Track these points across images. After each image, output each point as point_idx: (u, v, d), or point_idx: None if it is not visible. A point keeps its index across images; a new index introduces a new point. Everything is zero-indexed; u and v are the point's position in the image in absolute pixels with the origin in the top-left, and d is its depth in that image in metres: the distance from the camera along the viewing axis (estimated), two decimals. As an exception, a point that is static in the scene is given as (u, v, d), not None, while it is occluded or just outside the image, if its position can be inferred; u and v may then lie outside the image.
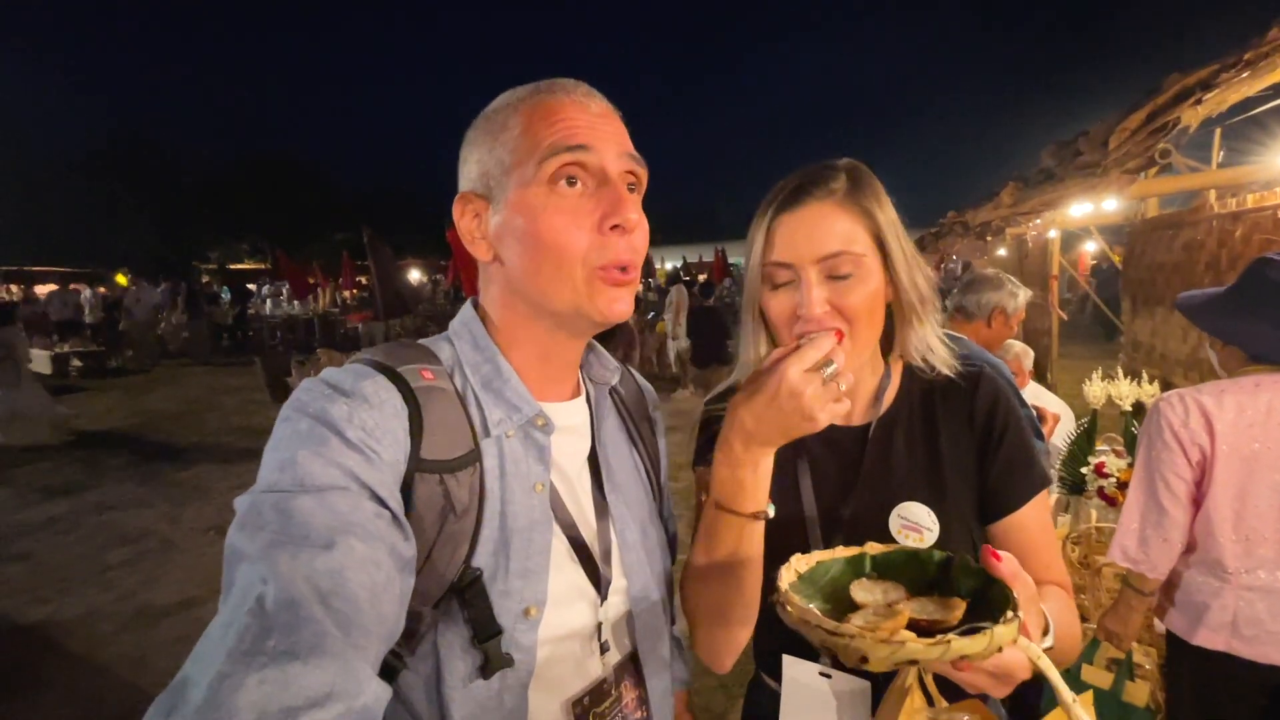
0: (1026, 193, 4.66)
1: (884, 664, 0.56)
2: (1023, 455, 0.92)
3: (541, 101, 0.73)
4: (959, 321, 2.62)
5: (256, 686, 0.45)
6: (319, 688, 0.47)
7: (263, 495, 0.58)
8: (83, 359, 13.21)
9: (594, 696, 0.78)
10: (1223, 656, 1.57)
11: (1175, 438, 1.61)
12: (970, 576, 0.66)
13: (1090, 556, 2.46)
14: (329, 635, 0.50)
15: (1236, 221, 5.08)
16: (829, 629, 0.58)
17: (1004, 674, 0.62)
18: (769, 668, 0.98)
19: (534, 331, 0.78)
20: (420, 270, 26.67)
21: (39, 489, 6.11)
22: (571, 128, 0.71)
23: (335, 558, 0.54)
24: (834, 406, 0.74)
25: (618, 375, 0.90)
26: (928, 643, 0.55)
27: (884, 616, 0.62)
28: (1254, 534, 1.55)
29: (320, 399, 0.65)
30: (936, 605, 0.63)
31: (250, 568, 0.53)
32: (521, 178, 0.71)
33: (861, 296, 0.85)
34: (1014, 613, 0.57)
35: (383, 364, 0.70)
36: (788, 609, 0.62)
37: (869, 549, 0.73)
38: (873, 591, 0.67)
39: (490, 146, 0.74)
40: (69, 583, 4.23)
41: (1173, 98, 2.68)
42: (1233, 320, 1.65)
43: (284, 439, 0.63)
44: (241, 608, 0.50)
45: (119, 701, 3.04)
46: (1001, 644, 0.56)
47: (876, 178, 0.91)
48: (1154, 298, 6.59)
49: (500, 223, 0.74)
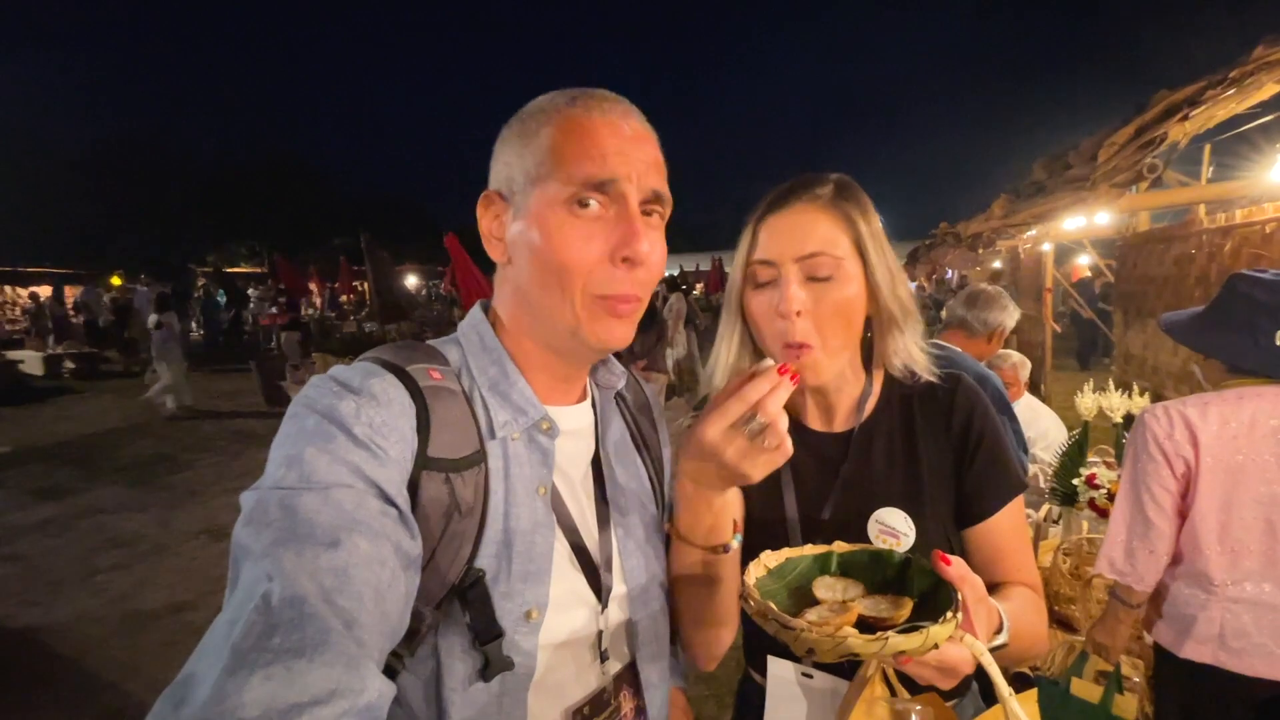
0: (1017, 205, 4.72)
1: (829, 656, 0.61)
2: (998, 461, 0.95)
3: (575, 119, 0.72)
4: (960, 336, 2.66)
5: (262, 683, 0.45)
6: (323, 685, 0.47)
7: (269, 491, 0.58)
8: (75, 361, 13.16)
9: (594, 706, 0.78)
10: (1210, 669, 1.58)
11: (1160, 450, 1.63)
12: (924, 577, 0.71)
13: (1081, 568, 2.47)
14: (334, 633, 0.50)
15: (1226, 236, 5.15)
16: (782, 622, 0.63)
17: (947, 668, 0.66)
18: (758, 666, 1.01)
19: (540, 338, 0.78)
20: (417, 276, 26.70)
21: (31, 491, 6.08)
22: (600, 156, 0.70)
23: (340, 555, 0.54)
24: (767, 458, 0.69)
25: (624, 380, 0.90)
26: (867, 639, 0.60)
27: (837, 613, 0.67)
28: (1239, 546, 1.57)
29: (328, 395, 0.65)
30: (888, 604, 0.68)
31: (255, 564, 0.53)
32: (543, 193, 0.71)
33: (839, 300, 0.88)
34: (954, 613, 0.62)
35: (391, 362, 0.71)
36: (750, 602, 0.67)
37: (836, 548, 0.78)
38: (834, 589, 0.72)
39: (519, 152, 0.74)
40: (59, 585, 4.21)
41: (1160, 114, 2.73)
42: (1211, 333, 1.68)
43: (291, 435, 0.63)
44: (247, 604, 0.50)
45: (108, 705, 3.03)
46: (937, 641, 0.60)
47: (864, 192, 0.95)
48: (1145, 310, 6.65)
49: (517, 231, 0.74)
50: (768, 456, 0.68)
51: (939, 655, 0.64)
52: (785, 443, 0.68)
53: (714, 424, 0.68)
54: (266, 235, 33.08)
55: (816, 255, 0.87)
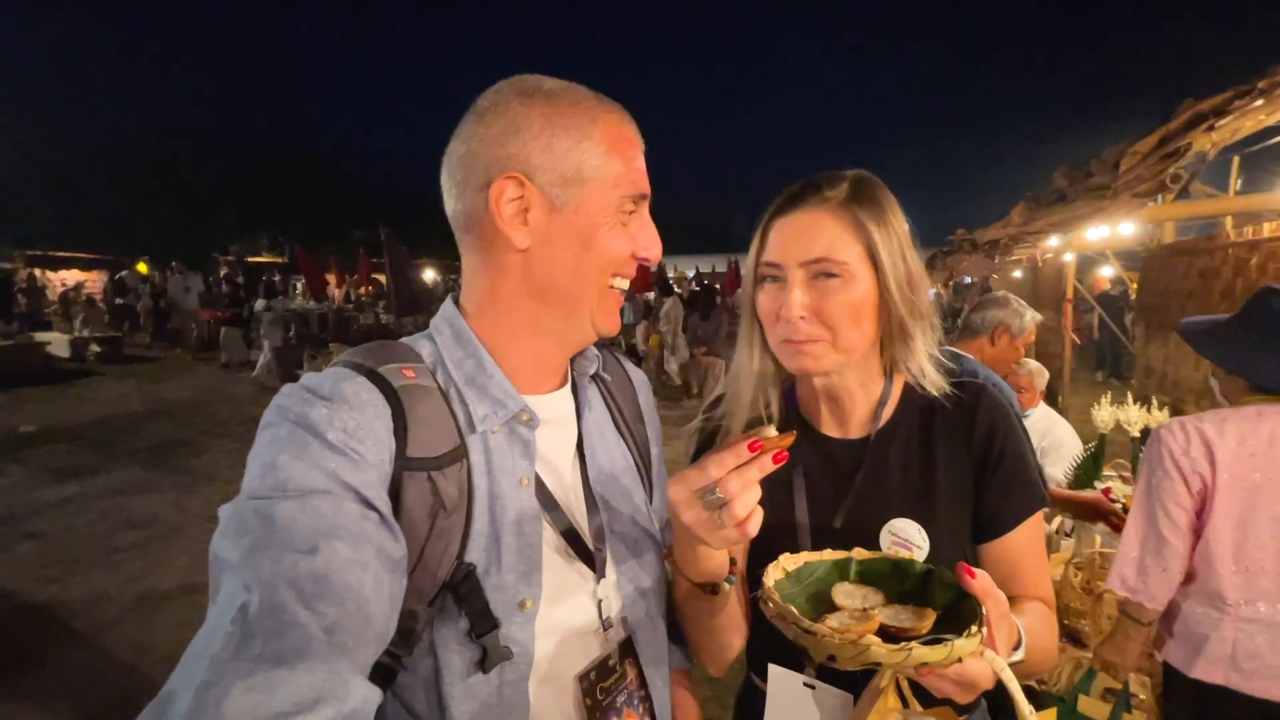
0: (1037, 212, 4.64)
1: (850, 663, 0.60)
2: (1020, 476, 0.92)
3: (619, 128, 0.76)
4: (964, 339, 2.62)
5: (243, 694, 0.45)
6: (306, 692, 0.47)
7: (245, 502, 0.58)
8: (100, 344, 13.42)
9: (600, 672, 0.79)
10: (1221, 690, 1.55)
11: (1176, 466, 1.60)
12: (946, 590, 0.69)
13: (1093, 582, 2.44)
14: (314, 639, 0.50)
15: (1253, 250, 5.03)
16: (803, 626, 0.62)
17: (967, 683, 0.65)
18: (760, 671, 1.00)
19: (536, 327, 0.79)
20: (435, 270, 26.90)
21: (52, 470, 6.21)
22: (641, 171, 0.78)
23: (319, 561, 0.54)
24: (724, 534, 0.65)
25: (597, 363, 0.91)
26: (891, 648, 0.58)
27: (858, 620, 0.65)
28: (1254, 565, 1.54)
29: (300, 403, 0.65)
30: (910, 614, 0.67)
31: (234, 575, 0.53)
32: (601, 196, 0.74)
33: (844, 302, 0.86)
34: (978, 628, 0.61)
35: (362, 365, 0.71)
36: (769, 604, 0.66)
37: (855, 554, 0.76)
38: (853, 596, 0.71)
39: (569, 146, 0.73)
40: (77, 563, 4.30)
41: (1185, 123, 2.67)
42: (1237, 350, 1.64)
43: (265, 445, 0.63)
44: (225, 615, 0.50)
45: (120, 682, 3.09)
46: (961, 655, 0.59)
47: (885, 191, 0.91)
48: (1168, 324, 6.51)
49: (562, 223, 0.74)
50: (724, 533, 0.64)
51: (960, 669, 0.63)
52: (746, 525, 0.63)
53: (677, 485, 0.66)
54: (288, 227, 33.53)
55: (821, 260, 0.86)
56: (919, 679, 0.66)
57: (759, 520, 0.65)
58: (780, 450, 0.64)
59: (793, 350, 0.89)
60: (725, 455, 0.64)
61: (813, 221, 0.88)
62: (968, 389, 0.95)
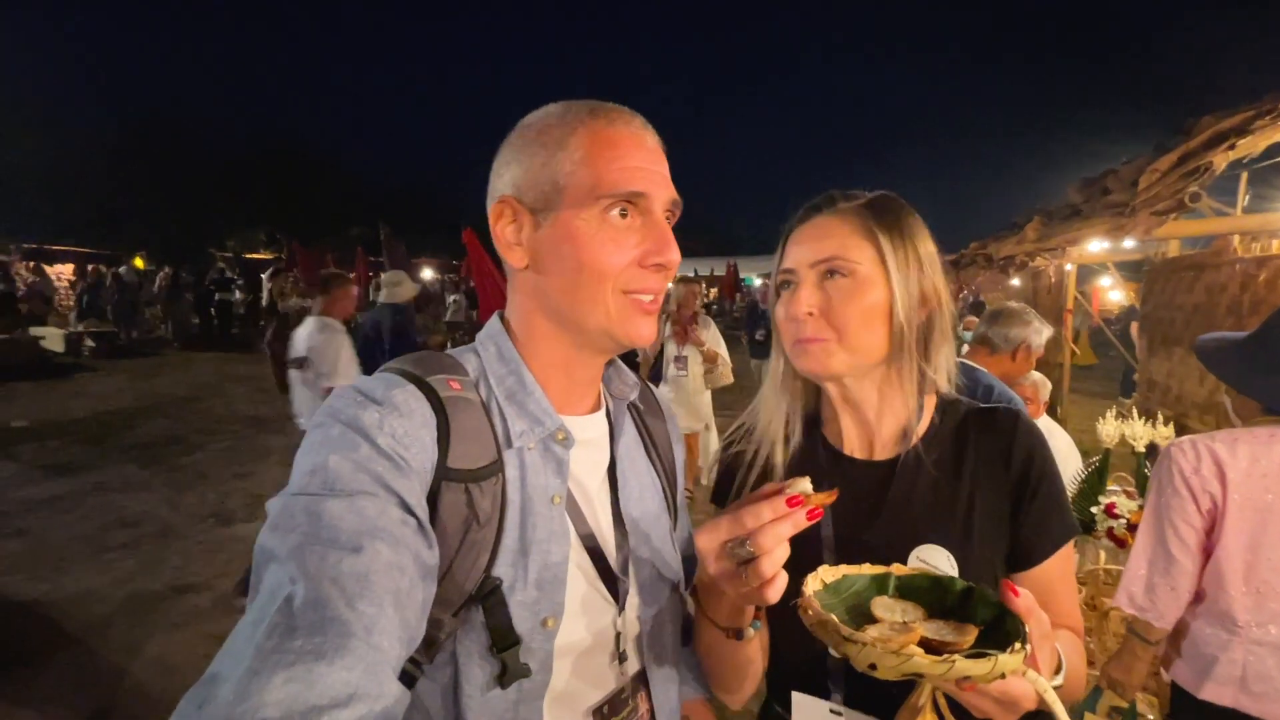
0: (1051, 227, 4.62)
1: (891, 673, 0.58)
2: (1057, 505, 0.90)
3: (603, 131, 0.74)
4: (983, 354, 2.61)
5: (283, 685, 0.46)
6: (343, 688, 0.48)
7: (294, 498, 0.59)
8: (96, 339, 13.36)
9: (612, 706, 0.79)
10: (1230, 712, 1.53)
11: (1186, 485, 1.58)
12: (988, 607, 0.68)
13: (1097, 598, 2.42)
14: (354, 637, 0.51)
15: (1261, 266, 5.02)
16: (845, 634, 0.60)
17: (1009, 702, 0.63)
18: (782, 700, 0.97)
19: (558, 345, 0.79)
20: (433, 269, 26.92)
21: (43, 466, 6.16)
22: (632, 171, 0.73)
23: (362, 561, 0.55)
24: (748, 592, 0.64)
25: (636, 391, 0.91)
26: (934, 659, 0.58)
27: (899, 632, 0.64)
28: (1265, 587, 1.52)
29: (352, 406, 0.67)
30: (951, 629, 0.66)
31: (279, 568, 0.54)
32: (576, 203, 0.73)
33: (852, 303, 0.87)
34: (1022, 644, 0.59)
35: (412, 373, 0.72)
36: (809, 612, 0.64)
37: (895, 569, 0.75)
38: (893, 610, 0.70)
39: (545, 160, 0.74)
40: (67, 562, 4.25)
41: (1206, 141, 2.65)
42: (1248, 370, 1.62)
43: (316, 444, 0.64)
44: (270, 606, 0.51)
45: (109, 684, 3.03)
46: (1005, 671, 0.58)
47: (907, 208, 0.92)
48: (1172, 338, 6.51)
49: (545, 238, 0.75)
50: (749, 591, 0.64)
51: (1002, 687, 0.61)
52: (768, 589, 0.63)
53: (708, 535, 0.66)
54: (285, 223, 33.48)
55: (830, 259, 0.88)
56: (959, 695, 0.64)
57: (783, 585, 0.64)
58: (817, 508, 0.64)
59: (800, 349, 0.90)
60: (762, 508, 0.64)
61: (826, 225, 0.91)
62: (1003, 413, 0.94)
